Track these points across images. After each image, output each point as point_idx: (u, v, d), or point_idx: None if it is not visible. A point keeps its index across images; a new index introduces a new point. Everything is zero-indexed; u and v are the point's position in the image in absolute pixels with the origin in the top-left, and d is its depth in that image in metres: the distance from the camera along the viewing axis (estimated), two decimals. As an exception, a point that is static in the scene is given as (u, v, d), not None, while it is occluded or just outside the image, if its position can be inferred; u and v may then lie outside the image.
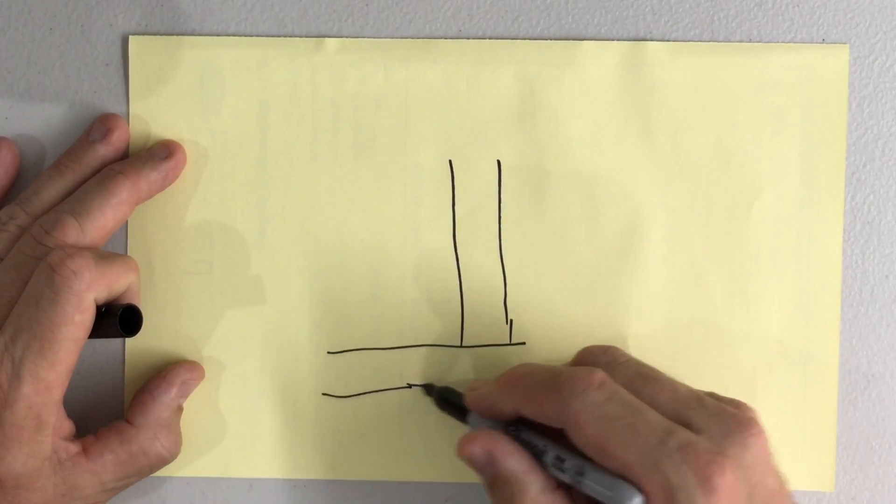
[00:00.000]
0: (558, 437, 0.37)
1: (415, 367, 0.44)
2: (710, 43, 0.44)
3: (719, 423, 0.36)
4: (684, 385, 0.38)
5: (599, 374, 0.36)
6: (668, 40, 0.44)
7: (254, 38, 0.44)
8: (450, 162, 0.44)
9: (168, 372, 0.43)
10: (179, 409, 0.44)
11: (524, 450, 0.38)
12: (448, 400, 0.43)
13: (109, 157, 0.43)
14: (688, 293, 0.44)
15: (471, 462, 0.39)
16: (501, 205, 0.44)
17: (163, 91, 0.44)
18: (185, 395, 0.44)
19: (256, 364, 0.44)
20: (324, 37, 0.44)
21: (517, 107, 0.44)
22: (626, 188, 0.44)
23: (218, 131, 0.44)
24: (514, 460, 0.38)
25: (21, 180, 0.44)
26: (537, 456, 0.38)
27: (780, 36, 0.44)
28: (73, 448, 0.41)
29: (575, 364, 0.40)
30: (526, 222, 0.44)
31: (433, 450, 0.44)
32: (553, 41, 0.44)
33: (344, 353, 0.44)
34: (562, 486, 0.37)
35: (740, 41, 0.44)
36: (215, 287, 0.44)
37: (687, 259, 0.44)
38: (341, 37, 0.44)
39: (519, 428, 0.39)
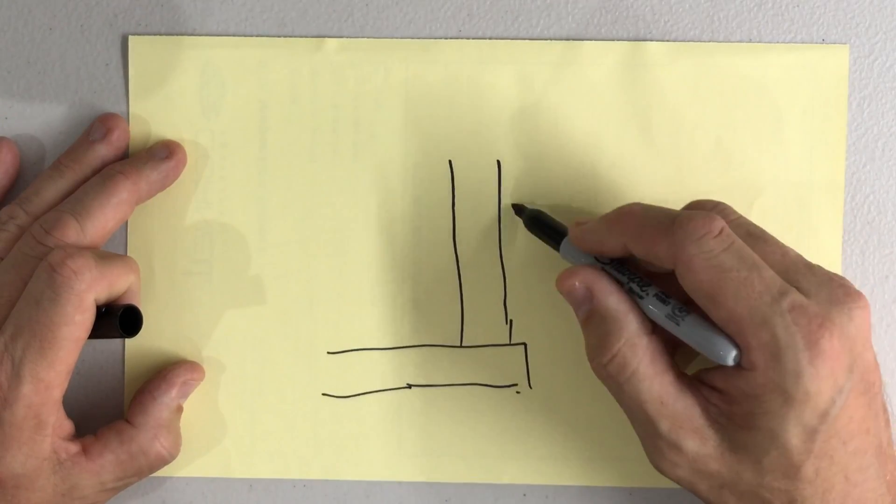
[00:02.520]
0: (659, 282, 0.38)
1: (415, 367, 0.44)
2: (710, 43, 0.44)
3: (828, 290, 0.36)
4: (793, 250, 0.37)
5: (719, 222, 0.36)
6: (668, 40, 0.44)
7: (254, 38, 0.44)
8: (450, 162, 0.44)
9: (168, 372, 0.43)
10: (179, 409, 0.44)
11: (623, 290, 0.38)
12: (541, 223, 0.42)
13: (109, 157, 0.43)
14: (688, 293, 0.44)
15: (569, 295, 0.39)
16: (501, 205, 0.44)
17: (163, 91, 0.44)
18: (185, 395, 0.44)
19: (256, 364, 0.44)
20: (324, 37, 0.44)
21: (517, 107, 0.44)
22: (627, 188, 0.44)
23: (218, 131, 0.44)
24: (615, 298, 0.38)
25: (21, 180, 0.44)
26: (636, 294, 0.38)
27: (780, 36, 0.44)
28: (73, 448, 0.41)
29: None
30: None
31: (433, 450, 0.44)
32: (553, 41, 0.44)
33: (344, 353, 0.44)
34: (656, 332, 0.38)
35: (740, 41, 0.44)
36: (215, 287, 0.44)
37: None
38: (341, 37, 0.44)
39: (616, 266, 0.39)
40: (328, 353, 0.44)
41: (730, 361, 0.35)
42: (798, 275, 0.36)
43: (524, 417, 0.44)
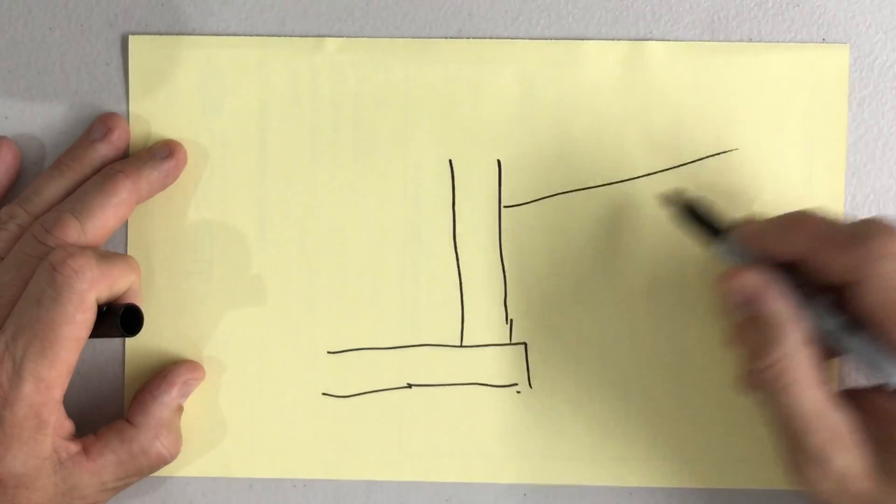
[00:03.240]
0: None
1: (415, 367, 0.44)
2: (710, 43, 0.44)
3: None
4: None
5: None
6: (668, 40, 0.44)
7: (254, 37, 0.44)
8: (450, 162, 0.44)
9: (169, 372, 0.43)
10: (180, 408, 0.44)
11: (791, 295, 0.37)
12: (698, 214, 0.41)
13: (110, 157, 0.43)
14: (688, 293, 0.44)
15: (735, 295, 0.38)
16: (501, 205, 0.44)
17: (163, 91, 0.44)
18: (185, 395, 0.44)
19: (256, 364, 0.44)
20: (324, 37, 0.44)
21: (517, 107, 0.44)
22: (626, 188, 0.44)
23: (218, 131, 0.44)
24: (782, 304, 0.37)
25: (21, 180, 0.44)
26: (807, 300, 0.37)
27: (780, 36, 0.44)
28: (74, 447, 0.41)
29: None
30: (526, 222, 0.44)
31: (433, 450, 0.44)
32: (553, 41, 0.44)
33: (344, 353, 0.44)
34: (815, 344, 0.37)
35: (740, 41, 0.44)
36: (215, 287, 0.44)
37: (687, 259, 0.44)
38: (341, 37, 0.44)
39: (783, 271, 0.38)
40: (328, 353, 0.44)
41: None
42: None
43: (524, 417, 0.44)
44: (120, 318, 0.40)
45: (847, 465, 0.36)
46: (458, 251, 0.44)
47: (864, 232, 0.36)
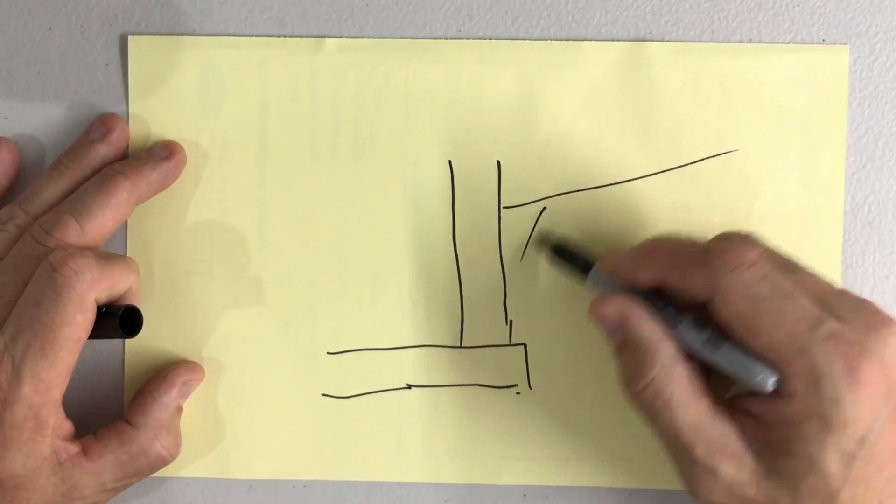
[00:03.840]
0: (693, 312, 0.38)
1: (415, 367, 0.44)
2: (710, 43, 0.44)
3: (863, 317, 0.36)
4: (823, 278, 0.38)
5: (753, 252, 0.37)
6: (668, 40, 0.44)
7: (254, 38, 0.44)
8: (450, 162, 0.44)
9: (169, 372, 0.43)
10: (179, 409, 0.44)
11: (657, 317, 0.38)
12: (567, 253, 0.42)
13: (109, 157, 0.43)
14: (688, 293, 0.44)
15: (603, 322, 0.39)
16: (501, 205, 0.44)
17: (162, 91, 0.44)
18: (185, 395, 0.43)
19: (256, 364, 0.44)
20: (324, 37, 0.44)
21: (517, 107, 0.44)
22: (626, 188, 0.44)
23: (218, 131, 0.44)
24: (649, 326, 0.38)
25: (21, 180, 0.44)
26: (672, 320, 0.38)
27: (780, 36, 0.44)
28: (73, 448, 0.41)
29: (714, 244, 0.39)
30: (526, 223, 0.44)
31: (433, 450, 0.44)
32: (553, 41, 0.44)
33: (344, 354, 0.44)
34: (690, 360, 0.38)
35: (740, 41, 0.44)
36: (215, 287, 0.44)
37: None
38: (341, 37, 0.44)
39: (648, 296, 0.39)
40: (328, 353, 0.44)
41: (769, 388, 0.36)
42: (832, 302, 0.36)
43: (524, 418, 0.44)
44: (119, 319, 0.40)
45: (734, 474, 0.36)
46: (458, 251, 0.44)
47: (715, 248, 0.37)
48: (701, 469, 0.37)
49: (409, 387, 0.44)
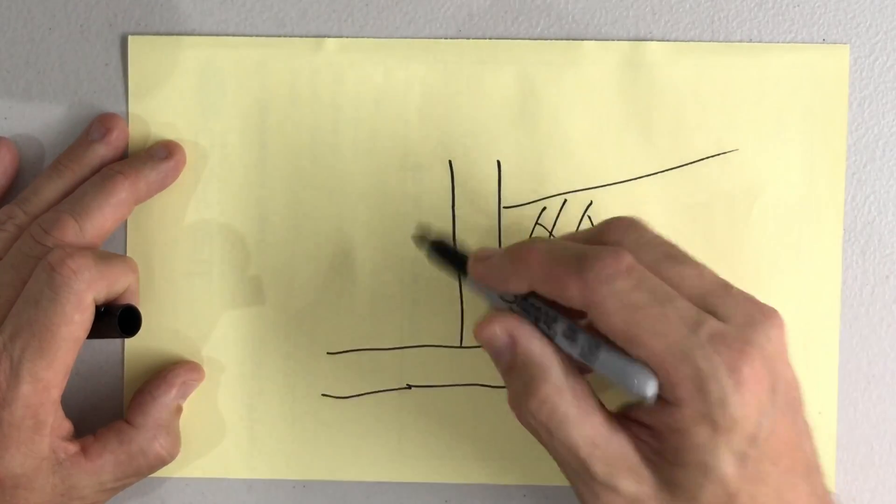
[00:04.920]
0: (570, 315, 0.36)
1: (415, 368, 0.44)
2: (710, 43, 0.44)
3: (745, 312, 0.35)
4: (709, 269, 0.37)
5: (627, 259, 0.35)
6: (668, 40, 0.44)
7: (253, 38, 0.44)
8: (450, 162, 0.44)
9: (168, 372, 0.43)
10: (179, 409, 0.43)
11: (543, 333, 0.36)
12: (446, 253, 0.40)
13: (108, 157, 0.43)
14: (688, 293, 0.44)
15: (490, 344, 0.37)
16: (501, 205, 0.44)
17: (162, 91, 0.44)
18: (184, 395, 0.43)
19: (256, 364, 0.44)
20: (324, 37, 0.44)
21: (517, 107, 0.44)
22: (626, 188, 0.44)
23: (217, 131, 0.44)
24: (537, 343, 0.36)
25: (20, 180, 0.44)
26: (546, 332, 0.36)
27: (780, 36, 0.44)
28: (72, 448, 0.40)
29: (596, 236, 0.38)
30: (526, 223, 0.44)
31: (433, 450, 0.44)
32: (553, 41, 0.44)
33: (344, 354, 0.44)
34: (584, 372, 0.37)
35: (740, 41, 0.44)
36: (215, 287, 0.44)
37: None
38: (341, 37, 0.44)
39: (522, 303, 0.37)
40: (328, 353, 0.44)
41: (650, 392, 0.34)
42: (715, 298, 0.35)
43: (524, 418, 0.44)
44: (118, 319, 0.40)
45: (635, 489, 0.35)
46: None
47: (589, 257, 0.35)
48: (600, 486, 0.35)
49: (409, 387, 0.44)
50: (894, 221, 0.44)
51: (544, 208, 0.44)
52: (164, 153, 0.43)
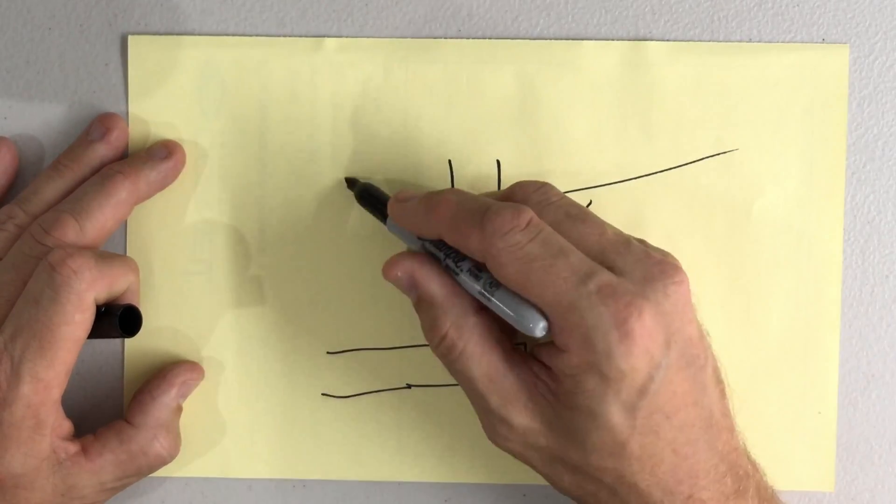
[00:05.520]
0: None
1: (415, 367, 0.44)
2: (710, 43, 0.44)
3: (643, 267, 0.36)
4: (614, 228, 0.38)
5: (527, 214, 0.36)
6: (668, 40, 0.44)
7: (253, 37, 0.44)
8: (450, 162, 0.44)
9: (168, 372, 0.43)
10: (179, 409, 0.43)
11: (446, 273, 0.38)
12: (371, 197, 0.42)
13: (108, 157, 0.43)
14: (688, 293, 0.44)
15: (395, 283, 0.39)
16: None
17: (162, 91, 0.44)
18: (184, 395, 0.43)
19: (256, 364, 0.44)
20: (324, 37, 0.44)
21: (517, 107, 0.44)
22: (626, 188, 0.44)
23: (217, 131, 0.44)
24: (436, 284, 0.38)
25: (20, 180, 0.44)
26: (452, 270, 0.38)
27: (780, 36, 0.44)
28: (72, 448, 0.41)
29: (506, 198, 0.39)
30: (526, 222, 0.44)
31: (433, 450, 0.44)
32: (553, 41, 0.44)
33: (344, 353, 0.44)
34: (484, 310, 0.38)
35: (740, 41, 0.44)
36: (215, 287, 0.44)
37: (687, 259, 0.44)
38: (341, 37, 0.44)
39: (436, 243, 0.39)
40: (328, 353, 0.44)
41: (538, 333, 0.36)
42: (614, 254, 0.36)
43: (524, 417, 0.44)
44: (118, 319, 0.40)
45: (526, 424, 0.37)
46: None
47: (491, 211, 0.36)
48: (495, 418, 0.38)
49: (409, 387, 0.44)
50: (894, 221, 0.44)
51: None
52: (163, 153, 0.43)
